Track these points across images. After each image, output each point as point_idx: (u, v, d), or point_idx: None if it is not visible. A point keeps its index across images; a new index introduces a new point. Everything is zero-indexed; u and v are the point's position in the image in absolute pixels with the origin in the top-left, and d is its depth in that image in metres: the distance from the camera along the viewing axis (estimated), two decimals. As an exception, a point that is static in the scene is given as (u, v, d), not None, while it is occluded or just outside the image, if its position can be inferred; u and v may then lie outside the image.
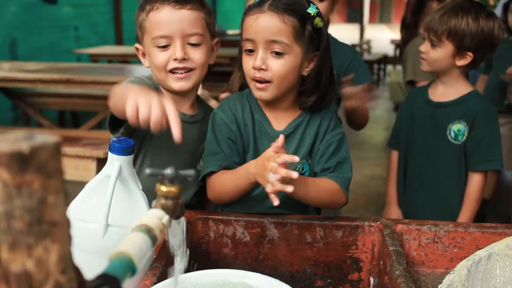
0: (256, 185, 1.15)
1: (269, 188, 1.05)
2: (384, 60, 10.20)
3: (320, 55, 1.22)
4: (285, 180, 1.03)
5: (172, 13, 1.23)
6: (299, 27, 1.17)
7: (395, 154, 1.96)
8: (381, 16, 31.02)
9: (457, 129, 1.76)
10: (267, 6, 1.17)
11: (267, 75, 1.18)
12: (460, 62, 1.72)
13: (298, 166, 1.26)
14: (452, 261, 1.18)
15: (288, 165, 1.05)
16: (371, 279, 1.20)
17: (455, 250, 1.19)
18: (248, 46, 1.19)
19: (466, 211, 1.72)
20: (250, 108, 1.28)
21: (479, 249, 0.96)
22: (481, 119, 1.73)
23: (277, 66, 1.17)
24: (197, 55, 1.26)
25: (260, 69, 1.18)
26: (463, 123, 1.75)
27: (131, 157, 1.05)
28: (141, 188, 1.07)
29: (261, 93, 1.21)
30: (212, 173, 1.24)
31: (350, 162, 1.27)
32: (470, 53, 1.70)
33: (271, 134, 1.26)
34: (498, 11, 3.75)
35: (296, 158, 1.03)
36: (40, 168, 0.40)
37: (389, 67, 10.72)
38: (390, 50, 11.00)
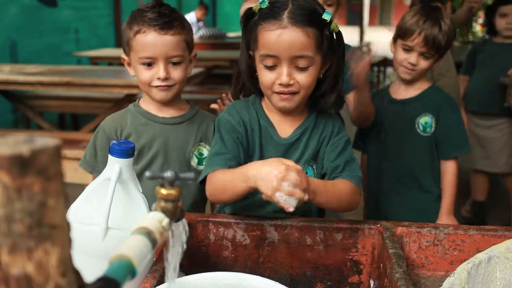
0: (254, 190, 1.08)
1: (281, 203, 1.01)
2: (384, 62, 10.19)
3: (337, 58, 1.24)
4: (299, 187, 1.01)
5: (157, 38, 1.38)
6: (320, 37, 1.17)
7: (365, 157, 2.04)
8: (381, 18, 31.06)
9: (424, 121, 1.84)
10: (287, 19, 1.14)
11: (295, 87, 1.19)
12: (436, 64, 1.85)
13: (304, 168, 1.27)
14: (452, 264, 1.18)
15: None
16: (371, 282, 1.20)
17: (455, 253, 1.19)
18: (269, 61, 1.18)
19: (448, 198, 1.81)
20: (256, 114, 1.29)
21: (479, 251, 0.96)
22: (446, 110, 1.83)
23: (304, 79, 1.18)
24: (177, 73, 1.42)
25: (287, 85, 1.18)
26: (429, 115, 1.84)
27: (131, 159, 1.05)
28: (141, 191, 1.07)
29: (285, 103, 1.21)
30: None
31: (358, 162, 1.28)
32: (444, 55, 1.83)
33: (276, 141, 1.27)
34: None
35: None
36: (40, 171, 0.40)
37: (389, 70, 10.72)
38: (390, 53, 11.00)
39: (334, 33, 1.21)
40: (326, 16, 1.18)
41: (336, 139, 1.28)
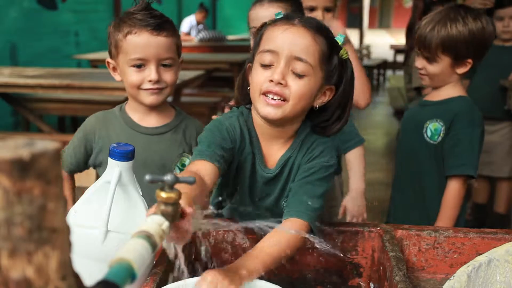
0: None
1: None
2: (384, 65, 10.21)
3: (345, 85, 1.16)
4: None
5: (150, 39, 1.35)
6: (327, 52, 1.11)
7: None
8: (380, 21, 31.08)
9: (434, 128, 1.69)
10: (298, 20, 1.11)
11: (285, 91, 1.08)
12: (461, 70, 1.69)
13: (284, 203, 1.19)
14: (452, 267, 1.18)
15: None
16: (371, 285, 1.20)
17: (455, 256, 1.19)
18: (267, 58, 1.09)
19: (442, 219, 1.64)
20: (250, 137, 1.18)
21: (479, 254, 0.96)
22: (460, 121, 1.66)
23: (297, 86, 1.08)
24: (169, 76, 1.39)
25: (278, 83, 1.07)
26: (440, 122, 1.69)
27: (131, 162, 1.05)
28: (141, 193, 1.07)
29: (270, 110, 1.09)
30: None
31: (323, 191, 1.13)
32: (469, 60, 1.67)
33: (259, 172, 1.19)
34: None
35: None
36: (40, 174, 0.40)
37: (389, 73, 10.73)
38: (389, 56, 11.02)
39: (342, 60, 1.14)
40: (339, 39, 1.14)
41: (311, 164, 1.15)
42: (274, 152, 1.19)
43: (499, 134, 3.17)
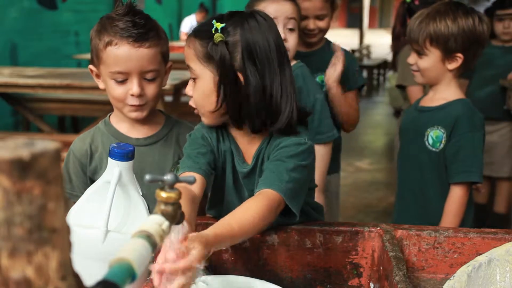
0: None
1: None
2: (384, 65, 10.21)
3: (220, 77, 1.08)
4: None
5: (131, 51, 1.25)
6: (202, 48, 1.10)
7: None
8: (380, 21, 31.06)
9: (435, 135, 1.66)
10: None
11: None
12: (452, 65, 1.65)
13: None
14: (452, 267, 1.18)
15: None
16: (371, 285, 1.20)
17: (455, 256, 1.19)
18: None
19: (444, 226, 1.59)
20: (226, 137, 1.21)
21: (479, 254, 0.96)
22: (461, 126, 1.62)
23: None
24: (152, 90, 1.30)
25: None
26: (441, 129, 1.65)
27: (131, 162, 1.05)
28: (141, 194, 1.08)
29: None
30: None
31: (294, 166, 1.10)
32: (459, 55, 1.63)
33: (238, 169, 1.21)
34: None
35: None
36: (40, 174, 0.40)
37: (389, 72, 10.73)
38: (389, 55, 11.02)
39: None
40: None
41: (279, 146, 1.14)
42: (250, 147, 1.20)
43: (498, 134, 3.17)
